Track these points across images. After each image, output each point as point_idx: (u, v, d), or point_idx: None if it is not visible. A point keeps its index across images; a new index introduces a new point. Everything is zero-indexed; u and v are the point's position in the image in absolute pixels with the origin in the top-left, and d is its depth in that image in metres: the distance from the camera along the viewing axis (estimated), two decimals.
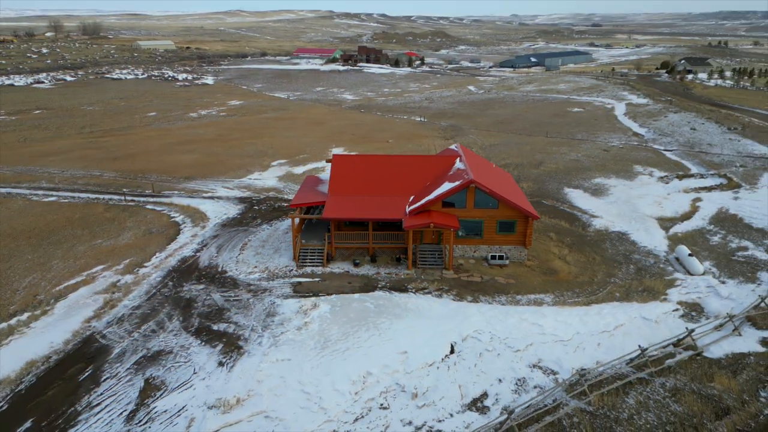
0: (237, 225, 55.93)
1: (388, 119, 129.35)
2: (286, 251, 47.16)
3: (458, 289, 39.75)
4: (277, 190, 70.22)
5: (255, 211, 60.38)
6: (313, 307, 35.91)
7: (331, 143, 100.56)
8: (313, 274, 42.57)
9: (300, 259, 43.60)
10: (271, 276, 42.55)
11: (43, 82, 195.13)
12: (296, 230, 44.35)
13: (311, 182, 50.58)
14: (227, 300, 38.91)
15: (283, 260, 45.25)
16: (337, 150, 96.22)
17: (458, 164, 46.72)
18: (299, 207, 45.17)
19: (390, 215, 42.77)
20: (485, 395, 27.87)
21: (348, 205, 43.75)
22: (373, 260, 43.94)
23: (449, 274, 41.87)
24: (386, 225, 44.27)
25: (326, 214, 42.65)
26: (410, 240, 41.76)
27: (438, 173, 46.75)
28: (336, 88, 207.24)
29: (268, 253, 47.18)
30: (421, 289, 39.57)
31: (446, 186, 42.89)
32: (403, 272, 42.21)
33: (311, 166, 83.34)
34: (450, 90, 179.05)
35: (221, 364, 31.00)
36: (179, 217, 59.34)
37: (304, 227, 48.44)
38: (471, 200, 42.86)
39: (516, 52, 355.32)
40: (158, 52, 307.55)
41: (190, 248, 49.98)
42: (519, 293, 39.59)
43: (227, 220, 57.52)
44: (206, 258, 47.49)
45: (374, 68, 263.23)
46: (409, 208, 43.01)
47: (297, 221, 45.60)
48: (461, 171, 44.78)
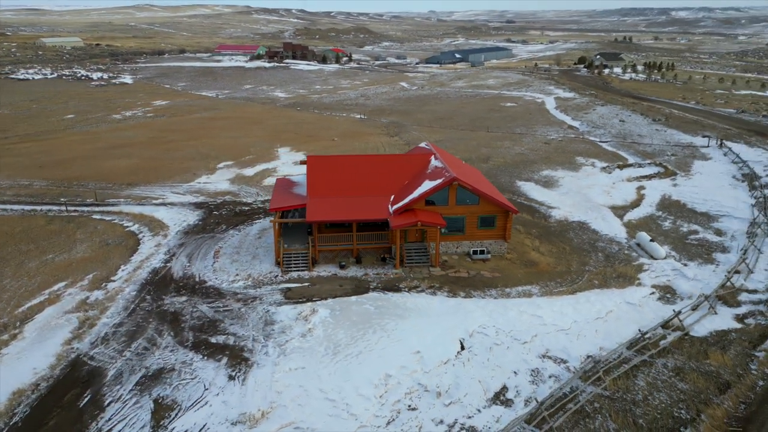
0: (201, 232, 54.04)
1: (328, 117, 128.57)
2: (266, 257, 46.15)
3: (449, 286, 40.53)
4: (233, 194, 68.34)
5: (216, 217, 58.52)
6: (313, 313, 35.48)
7: (276, 143, 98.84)
8: (301, 279, 41.97)
9: (285, 264, 42.79)
10: (257, 283, 41.54)
11: None
12: (276, 235, 43.46)
13: (284, 185, 49.69)
14: (217, 311, 37.66)
15: (265, 266, 44.28)
16: (284, 150, 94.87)
17: (435, 162, 47.46)
18: (278, 211, 44.24)
19: (374, 215, 42.87)
20: (505, 388, 28.75)
21: (330, 207, 43.40)
22: (359, 261, 43.89)
23: (437, 271, 42.57)
24: (369, 225, 44.33)
25: (310, 217, 42.13)
26: (398, 239, 42.08)
27: (415, 172, 47.28)
28: (265, 86, 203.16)
29: (246, 260, 45.98)
30: (414, 288, 40.01)
31: (428, 184, 43.49)
32: (392, 272, 42.47)
33: (261, 167, 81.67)
34: (383, 86, 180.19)
35: (232, 378, 30.09)
36: (134, 227, 56.58)
37: (282, 231, 47.53)
38: (453, 197, 43.74)
39: (439, 49, 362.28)
40: (65, 50, 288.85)
41: (158, 259, 47.83)
42: (507, 286, 40.91)
43: (189, 228, 55.44)
44: (179, 268, 45.64)
45: (301, 65, 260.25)
46: (393, 208, 43.27)
47: (277, 225, 44.64)
48: (440, 169, 45.55)
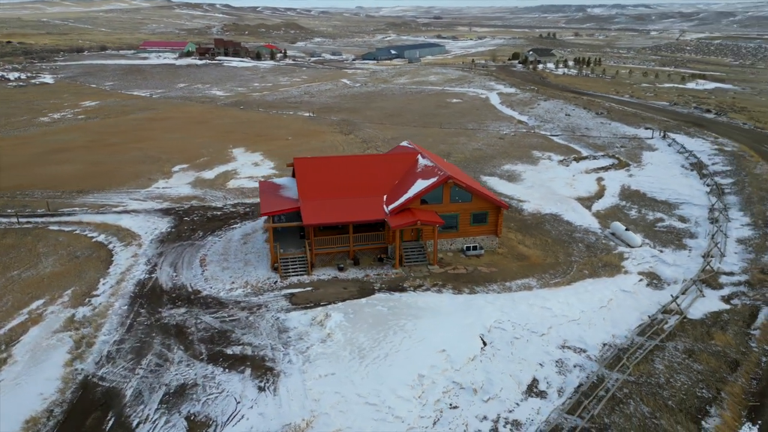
0: (177, 239, 52.24)
1: (275, 116, 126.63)
2: (259, 262, 45.23)
3: (452, 283, 41.29)
4: (198, 198, 66.29)
5: (189, 223, 56.67)
6: (326, 317, 35.24)
7: (227, 143, 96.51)
8: (302, 283, 41.48)
9: (283, 270, 42.13)
10: (257, 290, 40.70)
11: None
12: (272, 240, 42.70)
13: (270, 188, 48.78)
14: (223, 321, 36.65)
15: (261, 272, 43.42)
16: (238, 151, 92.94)
17: (424, 161, 48.05)
18: (270, 215, 43.48)
19: (371, 216, 42.97)
20: (536, 381, 29.79)
21: (326, 209, 43.10)
22: (356, 263, 43.86)
23: (435, 269, 43.23)
24: (365, 226, 44.34)
25: (308, 220, 41.67)
26: (398, 239, 42.36)
27: (403, 171, 47.69)
28: (200, 84, 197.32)
29: (238, 267, 44.89)
30: (419, 287, 40.48)
31: (423, 183, 44.02)
32: (392, 272, 42.75)
33: (220, 170, 79.64)
34: (326, 84, 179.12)
35: (262, 389, 29.49)
36: (101, 237, 53.93)
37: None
38: (447, 195, 44.50)
39: (372, 45, 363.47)
40: None
41: (140, 270, 45.90)
42: (506, 280, 42.13)
43: (163, 235, 53.45)
44: (166, 279, 43.99)
45: (235, 62, 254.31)
46: (389, 208, 43.51)
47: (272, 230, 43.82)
48: (432, 168, 46.18)
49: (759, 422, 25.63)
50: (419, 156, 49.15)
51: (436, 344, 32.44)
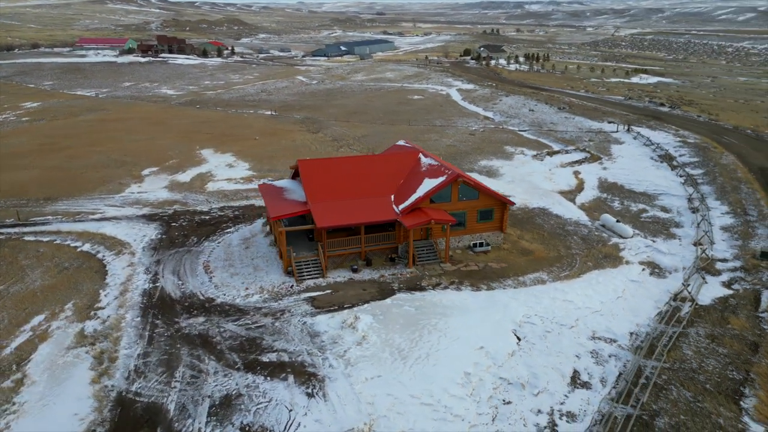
0: (171, 246, 50.84)
1: (236, 115, 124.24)
2: (270, 267, 44.63)
3: (469, 280, 42.05)
4: (180, 203, 64.54)
5: (178, 229, 55.20)
6: (356, 320, 35.26)
7: (193, 144, 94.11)
8: (319, 287, 41.26)
9: (298, 273, 41.77)
10: (275, 295, 40.20)
11: None
12: (284, 244, 42.24)
13: (272, 191, 48.12)
14: (249, 329, 36.07)
15: (274, 277, 42.88)
16: (207, 152, 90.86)
17: (427, 160, 48.59)
18: (280, 219, 42.99)
19: (382, 216, 43.17)
20: (577, 372, 30.91)
21: (337, 211, 42.97)
22: (369, 263, 43.97)
23: (448, 267, 43.89)
24: (375, 227, 44.49)
25: (321, 223, 41.45)
26: (411, 239, 42.73)
27: (407, 171, 48.08)
28: (148, 83, 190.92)
29: (248, 272, 44.15)
30: (437, 285, 41.03)
31: (432, 182, 44.55)
32: (406, 271, 43.12)
33: (194, 172, 77.68)
34: (282, 81, 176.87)
35: (311, 395, 29.31)
36: (86, 246, 51.88)
37: (276, 239, 46.17)
38: (455, 193, 45.22)
39: (320, 41, 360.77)
40: None
41: (141, 279, 44.49)
42: (518, 275, 43.27)
43: (154, 243, 51.90)
44: (172, 287, 42.82)
45: (180, 59, 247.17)
46: (400, 208, 43.82)
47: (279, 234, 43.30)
48: (438, 166, 46.78)
49: None
50: (421, 155, 49.62)
51: (473, 342, 33.06)
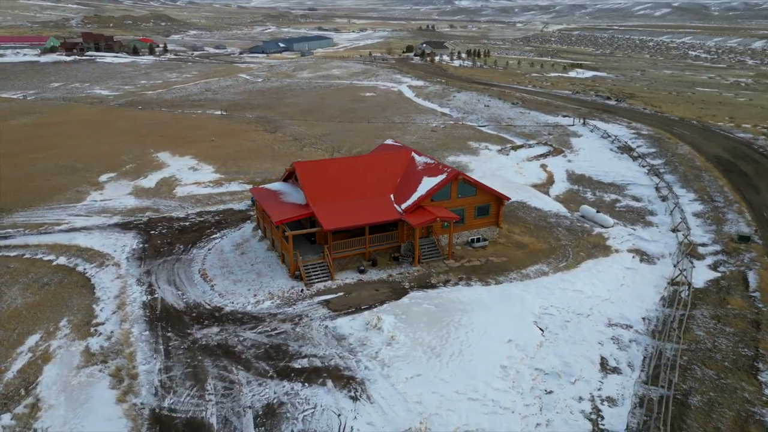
0: (157, 256, 49.33)
1: (183, 115, 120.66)
2: (274, 272, 44.08)
3: (477, 275, 43.14)
4: (152, 210, 62.43)
5: (160, 237, 53.54)
6: (379, 321, 35.55)
7: (147, 148, 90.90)
8: (330, 289, 41.19)
9: (307, 277, 41.55)
10: (287, 301, 39.84)
11: None
12: (291, 248, 41.89)
13: (267, 195, 47.49)
14: (270, 336, 35.67)
15: (281, 282, 42.43)
16: (164, 155, 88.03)
17: (421, 158, 49.34)
18: (285, 222, 42.60)
19: (387, 216, 43.59)
20: (605, 359, 32.53)
21: (341, 213, 43.00)
22: (374, 264, 44.26)
23: (452, 264, 44.83)
24: (378, 227, 44.81)
25: (328, 225, 41.40)
26: (417, 237, 43.35)
27: (402, 170, 48.64)
28: (78, 83, 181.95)
29: (251, 279, 43.46)
30: (446, 282, 41.87)
31: (432, 180, 45.33)
32: (412, 270, 43.72)
33: (157, 177, 75.17)
34: (225, 79, 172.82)
35: (355, 399, 29.44)
36: (61, 260, 49.61)
37: (273, 244, 45.73)
38: (455, 191, 46.19)
39: (255, 37, 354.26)
40: None
41: (135, 291, 43.05)
42: (520, 268, 44.76)
43: (137, 253, 50.22)
44: (173, 298, 41.67)
45: (109, 57, 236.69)
46: (403, 207, 44.35)
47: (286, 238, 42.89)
48: (435, 164, 47.61)
49: None
50: (413, 153, 50.28)
51: (500, 335, 34.10)
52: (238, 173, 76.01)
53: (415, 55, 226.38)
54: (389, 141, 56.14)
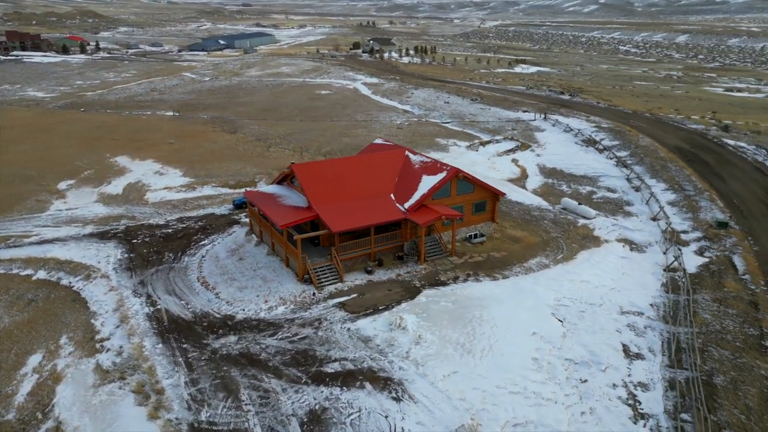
0: (147, 265, 47.86)
1: (132, 117, 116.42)
2: (280, 276, 43.54)
3: (482, 271, 44.11)
4: (127, 217, 60.28)
5: (144, 246, 51.88)
6: (402, 321, 35.91)
7: (101, 152, 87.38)
8: (341, 291, 41.14)
9: (318, 280, 41.33)
10: (300, 305, 39.52)
11: None
12: (300, 251, 41.56)
13: (265, 198, 46.76)
14: (292, 341, 35.36)
15: (290, 286, 41.98)
16: (123, 160, 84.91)
17: (417, 157, 49.91)
18: (290, 226, 42.20)
19: (392, 216, 43.90)
20: (626, 346, 34.11)
21: (346, 215, 42.96)
22: (380, 264, 44.49)
23: (456, 260, 45.66)
24: (382, 227, 45.04)
25: (336, 228, 41.30)
26: (422, 236, 43.89)
27: (398, 169, 49.02)
28: (8, 85, 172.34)
29: (257, 284, 42.80)
30: (456, 279, 42.64)
31: (433, 179, 45.95)
32: (419, 268, 44.23)
33: (122, 183, 72.51)
34: (169, 79, 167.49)
35: (397, 399, 29.70)
36: (40, 274, 47.51)
37: (275, 248, 45.26)
38: (454, 188, 47.01)
39: (191, 34, 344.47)
40: None
41: (134, 303, 41.69)
42: (521, 262, 46.08)
43: (124, 263, 48.58)
44: (177, 308, 40.60)
45: (37, 57, 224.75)
46: (406, 206, 44.78)
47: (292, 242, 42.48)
48: (433, 162, 48.26)
49: None
50: (407, 152, 50.76)
51: (524, 329, 35.14)
52: (208, 176, 74.22)
53: (364, 52, 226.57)
54: (379, 140, 56.35)
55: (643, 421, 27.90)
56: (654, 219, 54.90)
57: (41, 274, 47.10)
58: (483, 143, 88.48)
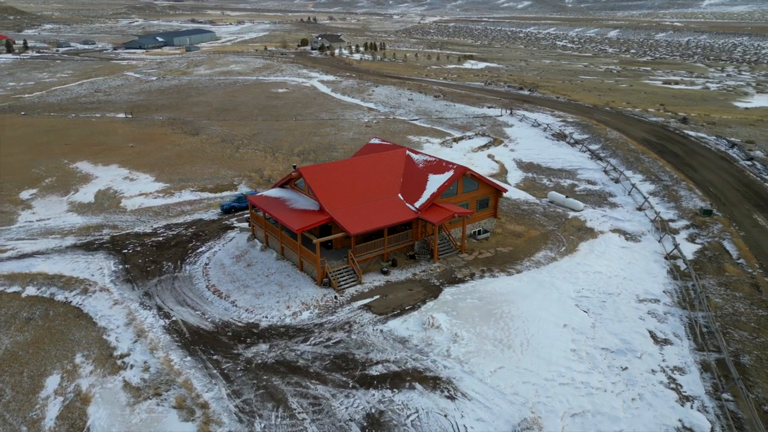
0: (147, 276, 46.57)
1: (82, 120, 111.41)
2: (296, 281, 43.11)
3: (495, 266, 45.17)
4: (109, 226, 58.17)
5: (138, 256, 50.34)
6: (434, 319, 36.44)
7: (57, 158, 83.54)
8: (363, 294, 41.22)
9: (338, 283, 41.25)
10: (325, 309, 39.35)
11: None
12: (318, 255, 41.33)
13: (273, 203, 46.10)
14: (327, 346, 35.26)
15: (309, 290, 41.67)
16: (85, 165, 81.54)
17: (419, 156, 50.49)
18: (304, 230, 41.90)
19: (405, 216, 44.30)
20: (652, 332, 35.87)
21: (360, 217, 43.00)
22: (394, 264, 44.80)
23: (467, 257, 46.56)
24: (394, 228, 45.35)
25: (354, 230, 41.32)
26: (436, 235, 44.52)
27: (401, 168, 49.42)
28: None
29: (273, 290, 42.25)
30: (472, 275, 43.51)
31: (441, 178, 46.60)
32: (435, 266, 44.84)
33: (91, 190, 69.70)
34: (113, 79, 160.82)
35: (451, 398, 30.23)
36: (30, 290, 45.65)
37: (283, 252, 44.86)
38: (461, 186, 47.84)
39: (124, 31, 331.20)
40: None
41: (146, 316, 40.53)
42: (529, 256, 47.45)
43: (121, 275, 47.16)
44: (194, 319, 39.77)
45: None
46: (417, 205, 45.26)
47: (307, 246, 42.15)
48: (436, 162, 48.92)
49: None
50: (408, 152, 51.23)
51: (554, 321, 36.37)
52: (183, 180, 72.18)
53: (313, 49, 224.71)
54: (375, 140, 56.48)
55: (689, 403, 29.54)
56: (640, 209, 57.57)
57: (31, 291, 44.91)
58: (456, 140, 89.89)
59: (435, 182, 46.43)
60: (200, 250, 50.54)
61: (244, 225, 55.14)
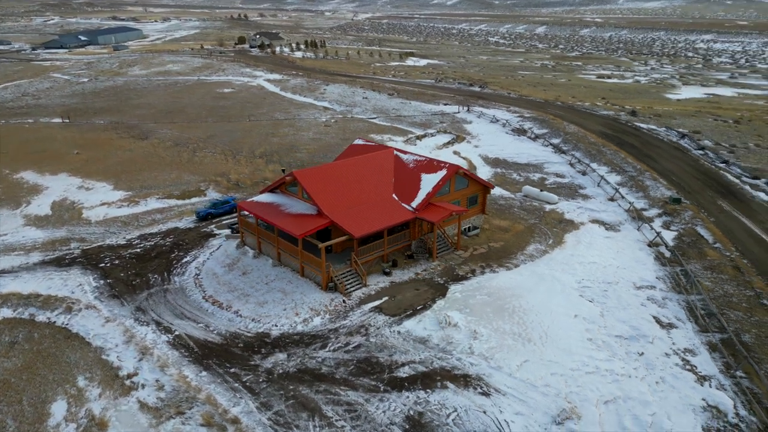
0: (134, 290, 45.00)
1: (16, 126, 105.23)
2: (300, 287, 42.60)
3: (493, 262, 46.24)
4: (76, 239, 55.66)
5: (119, 269, 48.47)
6: (449, 318, 37.06)
7: (1, 169, 78.83)
8: (370, 296, 41.29)
9: (345, 287, 41.15)
10: (335, 314, 39.20)
11: None
12: (324, 260, 41.10)
13: (267, 209, 45.26)
14: (347, 351, 35.22)
15: (315, 295, 41.33)
16: (31, 175, 77.58)
17: (408, 156, 50.90)
18: (306, 235, 41.55)
19: (404, 217, 44.63)
20: (656, 317, 37.84)
21: (361, 219, 42.99)
22: (395, 264, 45.08)
23: (463, 254, 47.44)
24: (391, 229, 45.59)
25: (358, 233, 41.31)
26: (435, 234, 45.13)
27: (391, 169, 49.70)
28: None
29: (277, 298, 41.64)
30: (473, 272, 44.41)
31: (434, 177, 47.22)
32: (435, 265, 45.44)
33: (45, 202, 66.30)
34: (39, 81, 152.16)
35: (485, 394, 30.92)
36: (7, 312, 43.37)
37: (281, 257, 44.32)
38: (453, 184, 48.65)
39: (41, 29, 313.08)
40: None
41: (145, 332, 39.21)
42: (521, 250, 48.86)
43: (105, 290, 45.41)
44: (199, 332, 38.78)
45: None
46: (414, 205, 45.71)
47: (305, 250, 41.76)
48: (426, 161, 49.51)
49: None
50: (396, 152, 51.58)
51: (565, 312, 37.74)
52: (146, 188, 69.64)
53: (252, 47, 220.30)
54: (359, 141, 56.36)
55: (707, 383, 31.48)
56: (612, 200, 60.33)
57: (6, 312, 42.52)
58: (419, 137, 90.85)
59: (429, 182, 46.96)
60: (186, 260, 49.02)
61: (226, 231, 53.82)
